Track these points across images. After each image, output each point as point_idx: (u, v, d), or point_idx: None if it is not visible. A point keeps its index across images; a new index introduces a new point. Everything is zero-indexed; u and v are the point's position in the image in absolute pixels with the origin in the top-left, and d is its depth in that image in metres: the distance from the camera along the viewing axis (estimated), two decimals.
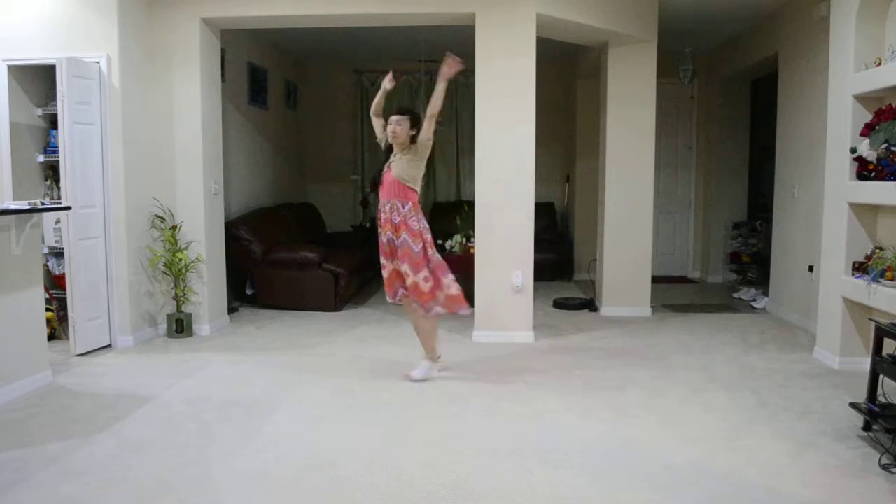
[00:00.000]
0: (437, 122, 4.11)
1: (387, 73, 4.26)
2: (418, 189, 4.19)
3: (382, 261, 4.23)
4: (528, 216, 5.23)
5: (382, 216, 4.15)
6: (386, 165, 4.18)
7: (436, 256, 4.23)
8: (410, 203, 4.13)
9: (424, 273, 4.12)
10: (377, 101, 4.32)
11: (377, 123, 4.34)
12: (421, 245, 4.11)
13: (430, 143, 4.15)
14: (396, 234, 4.12)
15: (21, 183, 4.97)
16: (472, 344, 5.19)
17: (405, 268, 4.12)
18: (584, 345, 5.18)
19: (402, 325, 5.80)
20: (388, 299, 4.38)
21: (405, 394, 4.01)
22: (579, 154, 8.26)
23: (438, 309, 4.20)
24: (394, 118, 4.14)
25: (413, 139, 4.14)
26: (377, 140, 4.36)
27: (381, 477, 2.89)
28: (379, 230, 4.20)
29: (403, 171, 4.11)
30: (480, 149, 5.21)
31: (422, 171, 4.17)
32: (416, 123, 4.15)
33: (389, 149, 4.23)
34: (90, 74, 4.80)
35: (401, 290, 4.28)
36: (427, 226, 4.21)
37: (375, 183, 4.24)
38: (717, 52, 7.75)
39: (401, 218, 4.10)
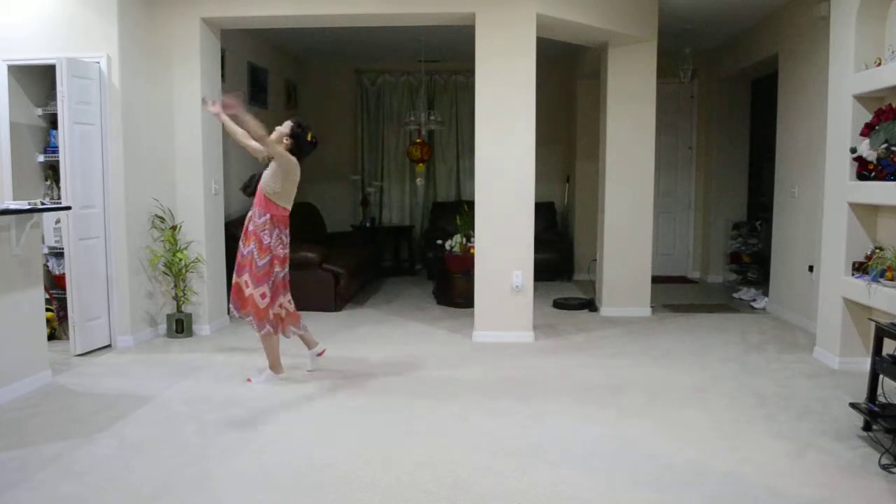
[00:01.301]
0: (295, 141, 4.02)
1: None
2: (282, 204, 4.06)
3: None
4: (528, 216, 5.23)
5: (246, 223, 4.11)
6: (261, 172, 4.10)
7: (285, 275, 4.18)
8: (268, 216, 4.02)
9: (263, 289, 4.03)
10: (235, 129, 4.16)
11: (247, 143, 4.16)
12: (267, 260, 4.02)
13: (287, 161, 3.98)
14: (245, 243, 4.06)
15: (21, 183, 4.97)
16: (472, 344, 5.19)
17: (245, 278, 4.04)
18: (584, 345, 5.18)
19: (403, 326, 5.81)
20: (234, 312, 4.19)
21: (405, 394, 4.01)
22: (579, 154, 8.26)
23: (269, 328, 4.10)
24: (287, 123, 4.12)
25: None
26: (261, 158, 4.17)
27: (380, 477, 2.89)
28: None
29: (266, 182, 4.03)
30: (480, 148, 5.21)
31: (284, 187, 4.02)
32: (295, 135, 4.07)
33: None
34: (90, 74, 4.79)
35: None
36: (286, 243, 4.13)
37: (249, 186, 4.15)
38: (717, 52, 7.75)
39: (253, 228, 4.04)
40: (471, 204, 5.65)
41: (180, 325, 5.32)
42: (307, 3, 5.17)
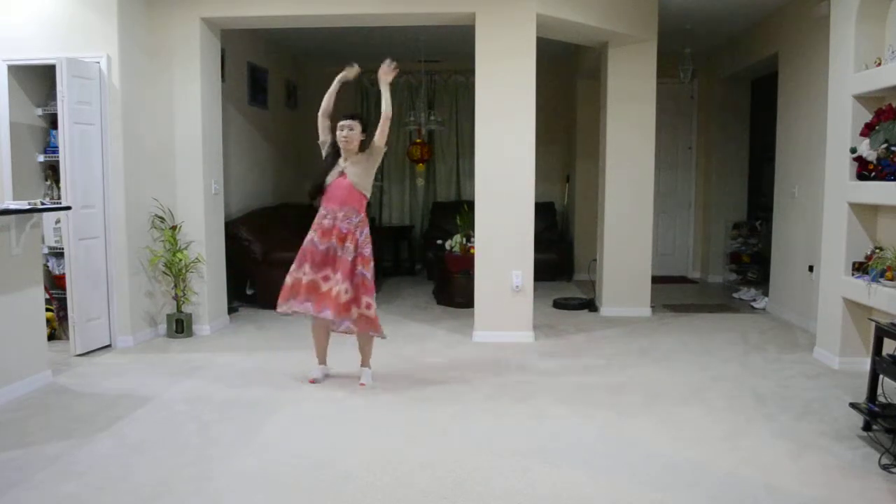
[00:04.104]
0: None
1: (350, 64, 4.18)
2: (369, 197, 4.12)
3: (308, 269, 3.97)
4: (528, 216, 5.23)
5: (326, 222, 3.98)
6: (336, 171, 4.03)
7: (365, 274, 4.01)
8: (363, 213, 4.04)
9: (347, 285, 3.93)
10: (330, 98, 4.20)
11: (324, 125, 4.18)
12: (353, 256, 3.97)
13: (384, 149, 4.11)
14: (342, 242, 3.96)
15: (21, 183, 4.97)
16: (472, 344, 5.19)
17: (338, 276, 3.92)
18: (584, 345, 5.18)
19: (403, 326, 5.80)
20: (285, 309, 4.05)
21: (405, 394, 4.01)
22: (579, 154, 8.26)
23: (348, 325, 3.99)
24: (345, 123, 4.02)
25: (363, 145, 4.05)
26: (319, 142, 4.17)
27: (380, 477, 2.89)
28: (313, 236, 4.01)
29: (360, 179, 4.00)
30: (480, 149, 5.21)
31: (373, 178, 4.11)
32: (365, 128, 4.07)
33: (335, 154, 4.07)
34: (90, 74, 4.79)
35: (307, 304, 4.00)
36: (369, 238, 4.08)
37: (320, 189, 4.04)
38: (717, 52, 7.75)
39: (350, 227, 3.97)
40: (471, 204, 5.65)
41: (180, 325, 5.32)
42: (307, 3, 5.17)
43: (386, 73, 4.10)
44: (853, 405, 3.44)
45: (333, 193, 4.01)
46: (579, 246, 8.34)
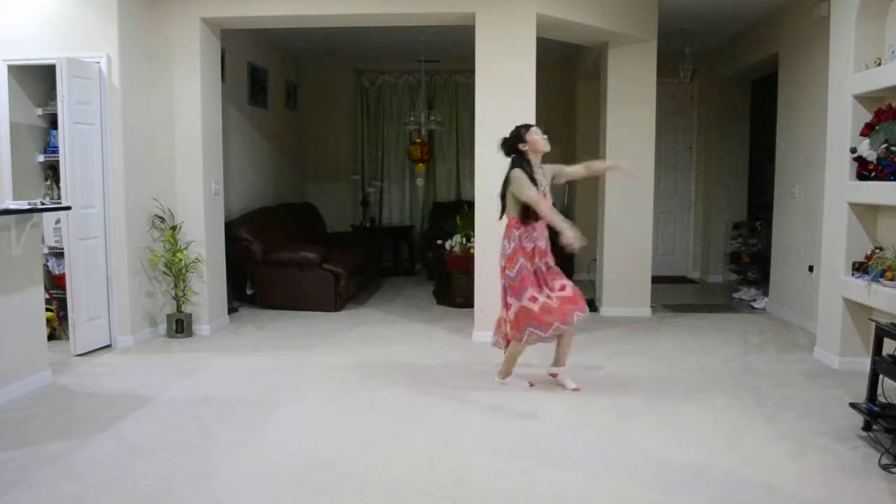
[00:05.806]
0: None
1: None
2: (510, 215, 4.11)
3: (534, 292, 3.99)
4: None
5: (542, 244, 4.10)
6: (541, 190, 4.00)
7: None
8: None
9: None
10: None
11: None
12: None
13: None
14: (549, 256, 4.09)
15: (21, 183, 4.97)
16: (472, 344, 5.19)
17: (562, 281, 4.14)
18: (584, 345, 5.17)
19: (403, 326, 5.81)
20: (549, 332, 3.96)
21: (405, 394, 4.01)
22: (579, 154, 8.23)
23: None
24: (537, 128, 4.07)
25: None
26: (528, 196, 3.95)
27: (380, 477, 2.89)
28: (529, 263, 4.04)
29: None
30: (480, 149, 5.21)
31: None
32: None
33: (527, 166, 4.00)
34: (90, 74, 4.79)
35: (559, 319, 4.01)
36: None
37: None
38: (717, 52, 7.75)
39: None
40: (471, 204, 5.65)
41: (180, 325, 5.32)
42: (307, 3, 5.17)
43: (568, 244, 4.08)
44: (853, 405, 3.44)
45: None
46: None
